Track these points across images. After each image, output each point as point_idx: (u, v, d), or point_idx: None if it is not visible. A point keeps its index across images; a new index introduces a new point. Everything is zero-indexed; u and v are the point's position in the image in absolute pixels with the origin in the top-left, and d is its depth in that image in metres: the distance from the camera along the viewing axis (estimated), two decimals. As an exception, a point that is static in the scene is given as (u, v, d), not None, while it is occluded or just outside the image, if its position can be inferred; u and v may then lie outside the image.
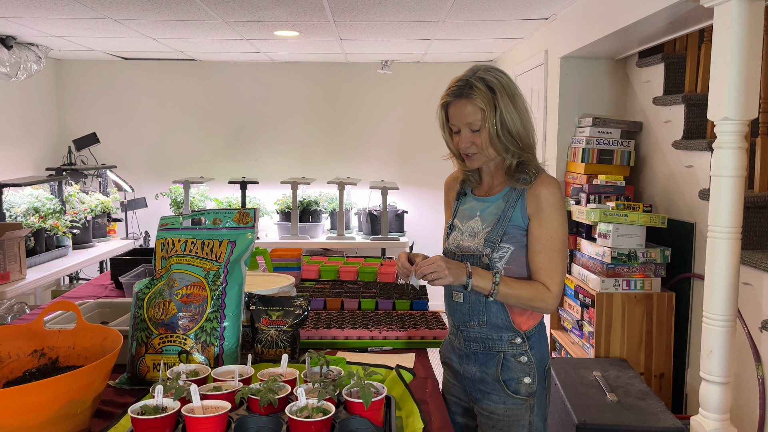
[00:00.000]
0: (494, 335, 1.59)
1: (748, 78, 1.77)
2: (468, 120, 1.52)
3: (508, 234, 1.55)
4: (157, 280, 1.56)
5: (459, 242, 1.63)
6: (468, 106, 1.51)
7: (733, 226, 1.84)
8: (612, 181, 3.12)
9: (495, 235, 1.55)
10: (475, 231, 1.60)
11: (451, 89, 1.54)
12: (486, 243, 1.56)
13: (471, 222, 1.61)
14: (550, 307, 1.55)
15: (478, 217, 1.60)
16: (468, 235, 1.61)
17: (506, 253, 1.55)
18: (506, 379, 1.58)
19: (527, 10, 3.41)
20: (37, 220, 3.79)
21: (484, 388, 1.61)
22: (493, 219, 1.57)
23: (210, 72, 5.40)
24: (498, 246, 1.55)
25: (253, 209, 1.63)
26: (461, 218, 1.65)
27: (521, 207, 1.55)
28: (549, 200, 1.52)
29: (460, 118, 1.53)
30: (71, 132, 5.34)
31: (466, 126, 1.53)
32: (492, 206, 1.59)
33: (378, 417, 1.22)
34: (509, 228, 1.55)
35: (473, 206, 1.64)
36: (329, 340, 1.88)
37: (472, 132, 1.53)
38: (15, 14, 3.50)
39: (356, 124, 5.49)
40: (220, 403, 1.18)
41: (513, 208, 1.55)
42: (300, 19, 3.60)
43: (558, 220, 1.53)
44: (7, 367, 1.37)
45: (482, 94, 1.49)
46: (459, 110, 1.52)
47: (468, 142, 1.54)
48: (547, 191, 1.53)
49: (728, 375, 1.88)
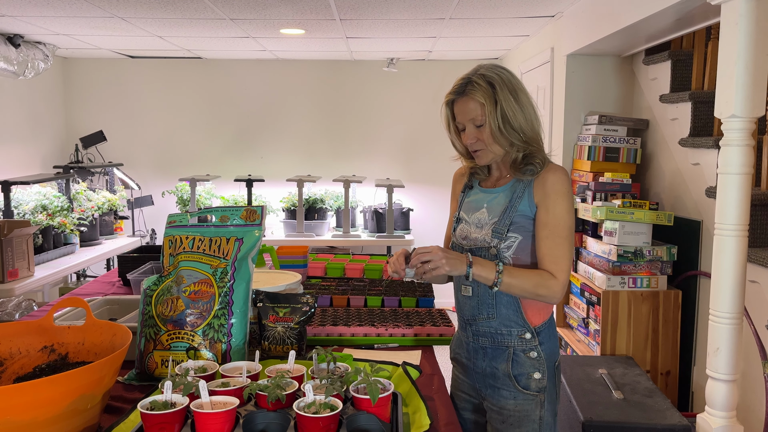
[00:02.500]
0: (503, 330, 1.59)
1: (755, 75, 1.77)
2: (471, 116, 1.55)
3: (516, 224, 1.55)
4: (165, 277, 1.58)
5: (467, 234, 1.63)
6: (470, 103, 1.54)
7: (740, 223, 1.83)
8: (618, 178, 3.11)
9: (502, 226, 1.56)
10: (482, 222, 1.60)
11: (454, 87, 1.58)
12: (493, 234, 1.56)
13: (478, 213, 1.62)
14: (556, 295, 1.52)
15: (485, 208, 1.61)
16: (475, 227, 1.61)
17: (514, 243, 1.55)
18: (516, 374, 1.58)
19: (533, 8, 3.40)
20: (44, 218, 3.81)
21: (495, 383, 1.61)
22: (500, 210, 1.58)
23: (216, 70, 5.41)
24: (505, 236, 1.55)
25: (260, 207, 1.64)
26: (467, 210, 1.66)
27: (528, 196, 1.56)
28: (555, 186, 1.53)
29: (463, 115, 1.57)
30: (78, 130, 5.37)
31: (470, 122, 1.56)
32: (499, 197, 1.60)
33: (385, 413, 1.23)
34: (516, 218, 1.55)
35: (480, 198, 1.65)
36: (336, 337, 1.89)
37: (476, 128, 1.56)
38: (23, 13, 3.52)
39: (362, 122, 5.49)
40: (229, 398, 1.19)
41: (520, 198, 1.56)
42: (306, 17, 3.60)
43: (564, 206, 1.54)
44: (18, 363, 1.38)
45: (482, 89, 1.52)
46: (462, 107, 1.56)
47: (473, 138, 1.57)
48: (554, 177, 1.54)
49: (735, 372, 1.88)
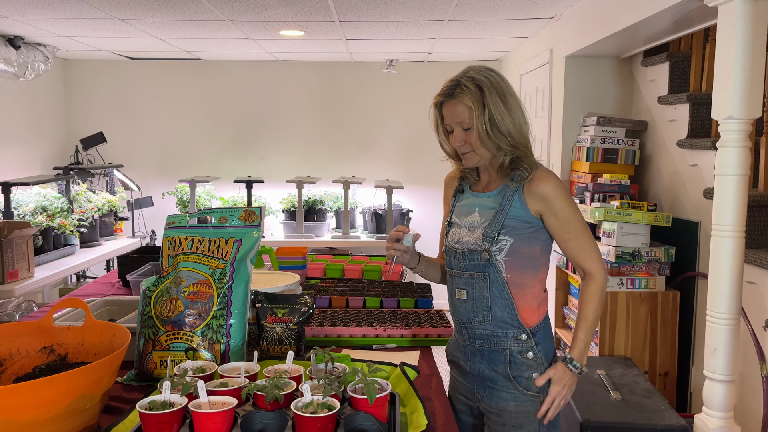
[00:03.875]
0: (499, 332, 1.59)
1: (752, 77, 1.78)
2: (459, 119, 1.55)
3: (507, 227, 1.56)
4: (164, 277, 1.58)
5: (458, 237, 1.64)
6: (458, 106, 1.55)
7: (737, 224, 1.84)
8: (616, 180, 3.12)
9: (492, 230, 1.57)
10: (474, 226, 1.61)
11: (443, 90, 1.59)
12: (484, 237, 1.58)
13: (469, 218, 1.63)
14: (605, 282, 1.59)
15: (477, 212, 1.62)
16: (467, 230, 1.63)
17: (505, 245, 1.56)
18: (516, 375, 1.58)
19: (532, 10, 3.41)
20: (44, 219, 3.82)
21: (494, 385, 1.61)
22: (490, 213, 1.59)
23: (216, 71, 5.42)
24: (496, 239, 1.56)
25: (259, 208, 1.64)
26: (459, 214, 1.67)
27: (519, 200, 1.56)
28: (554, 193, 1.54)
29: (452, 118, 1.57)
30: (78, 131, 5.38)
31: (458, 125, 1.56)
32: (490, 201, 1.61)
33: (382, 413, 1.23)
34: (507, 220, 1.56)
35: (471, 202, 1.66)
36: (334, 337, 1.89)
37: (464, 131, 1.56)
38: (23, 14, 3.53)
39: (361, 123, 5.50)
40: (227, 399, 1.19)
41: (510, 202, 1.57)
42: (305, 18, 3.61)
43: (568, 204, 1.56)
44: (17, 364, 1.39)
45: (471, 93, 1.52)
46: (450, 110, 1.57)
47: (461, 141, 1.57)
48: (549, 186, 1.55)
49: (732, 373, 1.88)
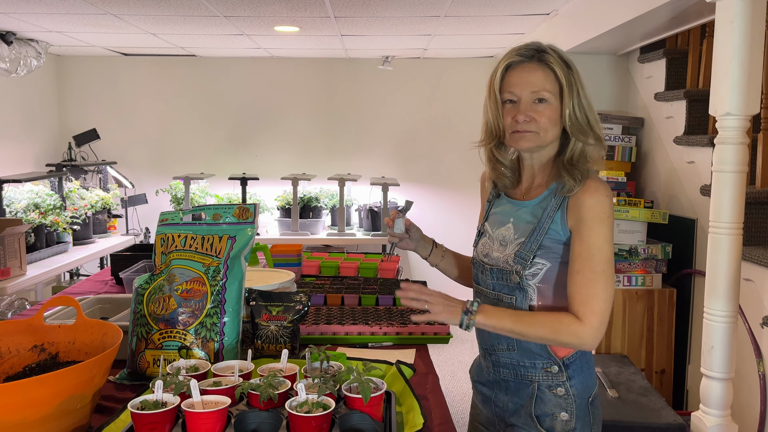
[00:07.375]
0: (527, 362, 1.38)
1: (750, 73, 1.77)
2: (536, 87, 1.28)
3: (544, 248, 1.32)
4: (157, 275, 1.56)
5: (488, 251, 1.42)
6: (538, 72, 1.28)
7: (735, 221, 1.83)
8: (613, 176, 3.11)
9: (527, 250, 1.33)
10: (506, 240, 1.38)
11: (520, 50, 1.30)
12: (516, 258, 1.34)
13: (503, 229, 1.40)
14: (586, 342, 1.27)
15: (511, 223, 1.39)
16: (499, 244, 1.40)
17: (540, 270, 1.33)
18: (539, 414, 1.37)
19: (528, 6, 3.39)
20: (37, 216, 3.79)
21: (516, 421, 1.40)
22: (527, 229, 1.35)
23: (210, 68, 5.39)
24: (531, 262, 1.32)
25: (253, 204, 1.62)
26: (492, 223, 1.44)
27: (561, 217, 1.31)
28: (593, 211, 1.27)
29: (525, 85, 1.29)
30: (71, 128, 5.34)
31: (531, 94, 1.29)
32: (527, 213, 1.37)
33: (378, 412, 1.22)
34: (545, 241, 1.32)
35: (506, 210, 1.42)
36: (330, 335, 1.88)
37: (536, 102, 1.29)
38: (15, 10, 3.49)
39: (357, 120, 5.48)
40: (220, 398, 1.18)
41: (551, 219, 1.32)
42: (300, 14, 3.59)
43: (602, 234, 1.27)
44: (7, 363, 1.37)
45: (559, 64, 1.28)
46: (527, 75, 1.29)
47: (527, 116, 1.29)
48: (592, 200, 1.27)
49: (729, 371, 1.88)
